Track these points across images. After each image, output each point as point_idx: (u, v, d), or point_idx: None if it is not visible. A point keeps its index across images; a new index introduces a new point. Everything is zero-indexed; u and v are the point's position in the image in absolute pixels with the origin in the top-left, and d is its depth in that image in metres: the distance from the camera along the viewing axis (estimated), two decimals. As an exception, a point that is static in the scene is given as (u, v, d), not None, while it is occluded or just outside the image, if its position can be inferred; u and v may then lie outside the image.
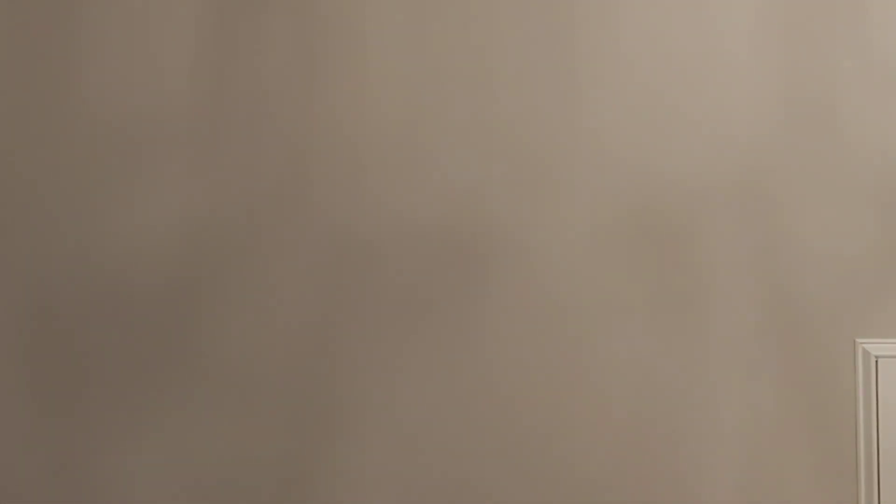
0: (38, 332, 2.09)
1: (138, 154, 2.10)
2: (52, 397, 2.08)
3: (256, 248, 2.08)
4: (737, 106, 2.04)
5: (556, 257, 2.05)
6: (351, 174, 2.08)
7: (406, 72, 2.09)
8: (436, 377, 2.05)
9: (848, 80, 2.03)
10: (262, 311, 2.07)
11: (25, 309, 2.09)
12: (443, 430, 2.04)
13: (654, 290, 2.04)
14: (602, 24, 2.07)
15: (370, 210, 2.07)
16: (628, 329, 2.03)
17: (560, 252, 2.05)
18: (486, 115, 2.07)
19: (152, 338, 2.07)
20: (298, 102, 2.09)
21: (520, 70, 2.08)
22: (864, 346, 1.99)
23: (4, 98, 2.13)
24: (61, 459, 2.07)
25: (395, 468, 2.04)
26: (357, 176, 2.08)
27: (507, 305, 2.05)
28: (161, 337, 2.07)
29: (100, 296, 2.09)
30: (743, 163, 2.04)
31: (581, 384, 2.03)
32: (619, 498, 2.01)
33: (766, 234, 2.03)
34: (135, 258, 2.09)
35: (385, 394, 2.05)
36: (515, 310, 2.04)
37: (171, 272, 2.08)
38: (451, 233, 2.07)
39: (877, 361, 1.99)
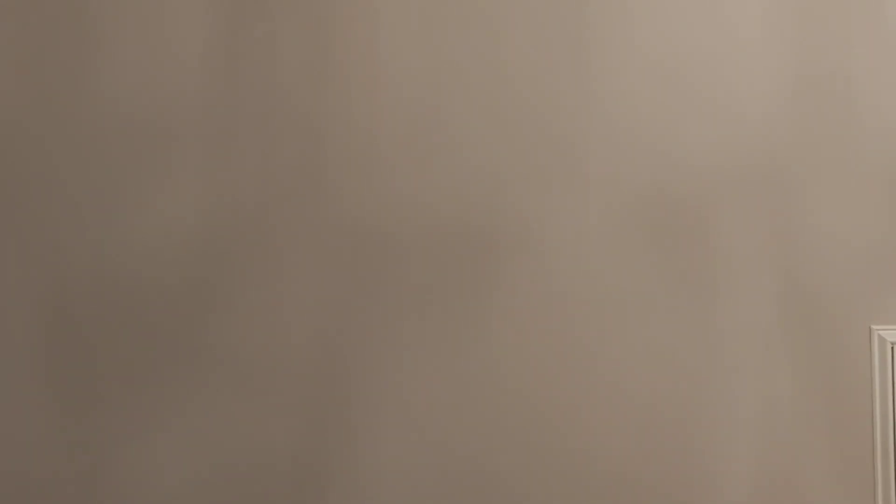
0: (54, 329, 2.05)
1: (153, 151, 2.07)
2: (70, 393, 2.04)
3: (271, 243, 2.05)
4: (752, 91, 2.04)
5: (571, 247, 2.04)
6: (365, 167, 2.05)
7: (420, 64, 2.07)
8: (451, 369, 2.03)
9: (863, 62, 2.04)
10: (278, 306, 2.04)
11: (41, 306, 2.05)
12: (458, 423, 2.02)
13: (667, 278, 2.03)
14: (614, 11, 2.06)
15: (384, 203, 2.05)
16: (643, 318, 2.03)
17: (575, 242, 2.04)
18: (500, 106, 2.06)
19: (168, 333, 2.04)
20: (313, 96, 2.07)
21: (533, 60, 2.06)
22: (880, 332, 2.00)
23: (18, 96, 2.08)
24: (80, 454, 2.03)
25: (410, 460, 2.02)
26: (371, 169, 2.05)
27: (523, 297, 2.03)
28: (177, 332, 2.04)
29: (116, 291, 2.05)
30: (757, 150, 2.04)
31: (597, 375, 2.02)
32: (637, 488, 2.01)
33: (780, 221, 2.03)
34: (150, 254, 2.05)
35: (400, 386, 2.03)
36: (532, 301, 2.03)
37: (186, 267, 2.05)
38: (466, 224, 2.05)
39: (892, 348, 2.00)
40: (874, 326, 2.00)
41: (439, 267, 2.04)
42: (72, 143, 2.07)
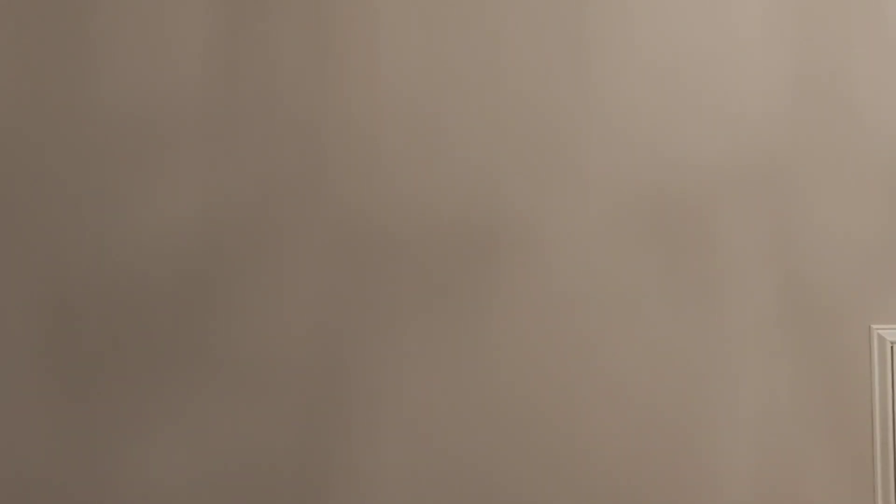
0: (55, 328, 2.04)
1: (153, 148, 2.06)
2: (70, 393, 2.03)
3: (271, 240, 2.05)
4: (752, 91, 2.04)
5: (571, 246, 2.03)
6: (365, 165, 2.05)
7: (420, 64, 2.06)
8: (451, 369, 2.03)
9: (863, 61, 2.04)
10: (278, 303, 2.03)
11: (42, 305, 2.04)
12: (458, 422, 2.02)
13: (667, 278, 2.03)
14: (614, 11, 2.06)
15: (385, 203, 2.05)
16: (643, 318, 2.02)
17: (575, 241, 2.03)
18: (500, 104, 2.05)
19: (169, 330, 2.03)
20: (313, 94, 2.06)
21: (533, 59, 2.06)
22: (879, 331, 2.00)
23: (17, 95, 2.08)
24: (80, 453, 2.02)
25: (409, 459, 2.02)
26: (371, 167, 2.05)
27: (523, 296, 2.03)
28: (177, 329, 2.03)
29: (116, 291, 2.04)
30: (757, 150, 2.04)
31: (597, 374, 2.02)
32: (637, 488, 2.01)
33: (780, 221, 2.03)
34: (150, 253, 2.05)
35: (399, 384, 2.02)
36: (532, 300, 2.03)
37: (186, 264, 2.04)
38: (466, 224, 2.04)
39: (892, 347, 2.00)
40: (874, 326, 2.00)
41: (439, 266, 2.04)
42: (72, 142, 2.07)
